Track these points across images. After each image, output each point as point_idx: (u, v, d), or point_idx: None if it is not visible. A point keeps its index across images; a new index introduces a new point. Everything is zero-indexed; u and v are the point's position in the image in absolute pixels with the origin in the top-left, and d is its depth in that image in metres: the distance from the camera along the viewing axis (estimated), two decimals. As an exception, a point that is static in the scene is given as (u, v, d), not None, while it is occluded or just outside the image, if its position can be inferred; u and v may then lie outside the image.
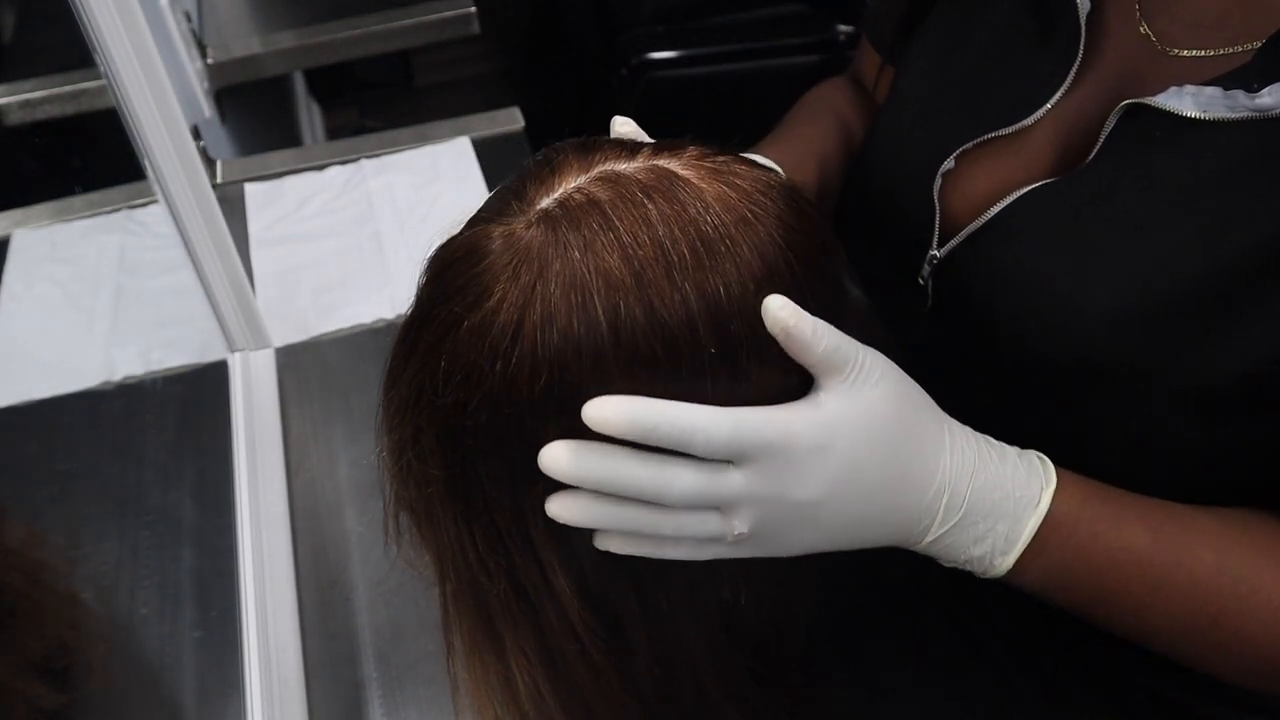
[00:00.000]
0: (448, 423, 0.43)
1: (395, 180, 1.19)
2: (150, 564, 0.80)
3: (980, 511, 0.47)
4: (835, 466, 0.43)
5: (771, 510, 0.43)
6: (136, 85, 0.75)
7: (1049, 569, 0.49)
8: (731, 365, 0.41)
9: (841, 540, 0.46)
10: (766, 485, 0.43)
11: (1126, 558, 0.49)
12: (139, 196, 1.12)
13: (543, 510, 0.43)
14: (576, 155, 0.45)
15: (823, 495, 0.43)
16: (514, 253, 0.41)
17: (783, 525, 0.44)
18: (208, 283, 0.90)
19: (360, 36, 1.51)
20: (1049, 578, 0.49)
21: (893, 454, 0.44)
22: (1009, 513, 0.47)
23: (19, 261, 1.06)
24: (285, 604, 0.80)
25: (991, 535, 0.47)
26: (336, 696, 0.76)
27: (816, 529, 0.45)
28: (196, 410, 0.92)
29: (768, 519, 0.43)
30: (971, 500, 0.46)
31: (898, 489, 0.45)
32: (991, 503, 0.47)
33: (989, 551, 0.48)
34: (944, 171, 0.60)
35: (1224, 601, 0.49)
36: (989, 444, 0.48)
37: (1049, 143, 0.57)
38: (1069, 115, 0.57)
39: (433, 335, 0.43)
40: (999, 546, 0.48)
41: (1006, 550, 0.48)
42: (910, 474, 0.45)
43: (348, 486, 0.89)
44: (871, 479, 0.44)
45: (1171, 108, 0.50)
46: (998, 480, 0.47)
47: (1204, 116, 0.49)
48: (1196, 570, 0.49)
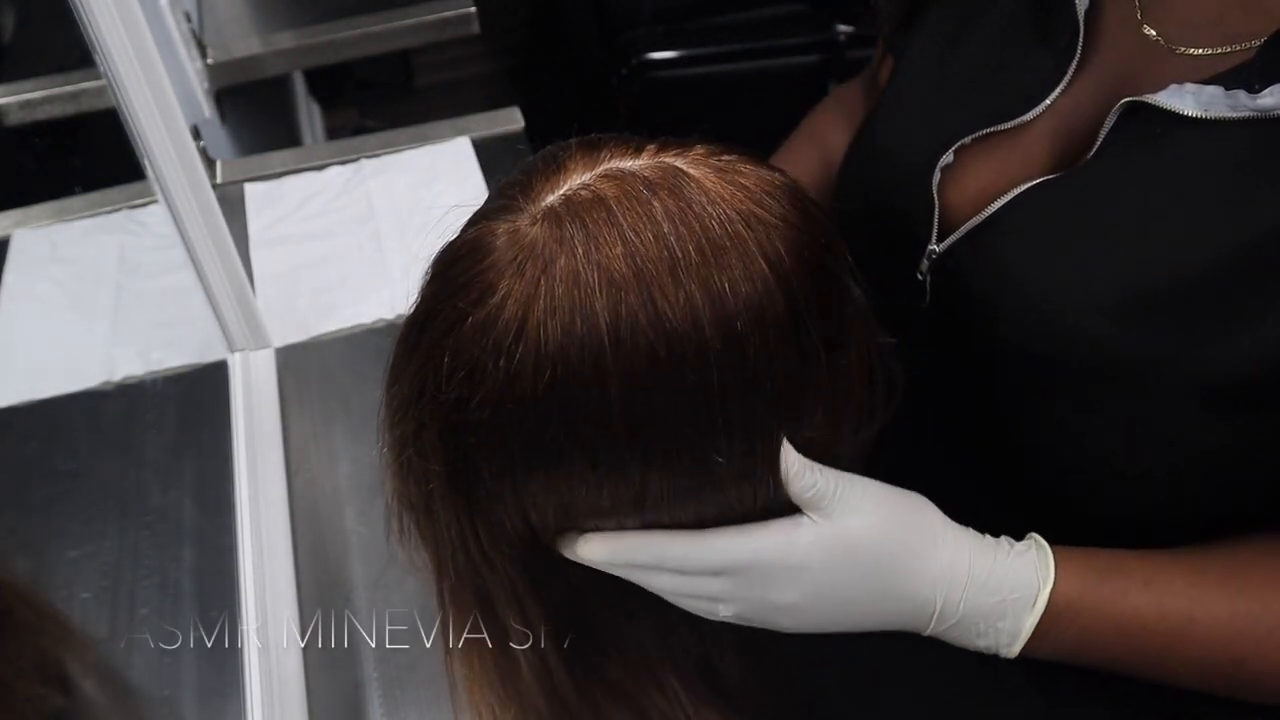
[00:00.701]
0: (450, 418, 0.43)
1: (395, 180, 1.18)
2: (150, 564, 0.80)
3: (978, 614, 0.48)
4: (810, 583, 0.46)
5: (753, 607, 0.47)
6: (136, 85, 0.75)
7: (1059, 651, 0.51)
8: (738, 363, 0.41)
9: (831, 629, 0.48)
10: (746, 592, 0.46)
11: (1137, 627, 0.51)
12: (139, 196, 1.12)
13: (543, 503, 0.43)
14: (583, 152, 0.44)
15: (800, 601, 0.47)
16: (518, 249, 0.41)
17: (767, 618, 0.48)
18: (208, 283, 0.90)
19: (360, 36, 1.51)
20: (1062, 655, 0.51)
21: (873, 574, 0.47)
22: (1008, 613, 0.49)
23: (19, 261, 1.07)
24: (285, 603, 0.80)
25: (993, 632, 0.49)
26: (336, 696, 0.76)
27: (802, 620, 0.48)
28: (196, 410, 0.92)
29: (751, 614, 0.47)
30: (966, 609, 0.48)
31: (879, 603, 0.48)
32: (989, 607, 0.49)
33: (993, 645, 0.50)
34: (943, 166, 0.60)
35: (1244, 645, 0.50)
36: (984, 546, 0.49)
37: (1048, 139, 0.57)
38: (1067, 112, 0.57)
39: (436, 331, 0.43)
40: (1003, 640, 0.49)
41: (1011, 644, 0.49)
42: (895, 591, 0.47)
43: (348, 486, 0.89)
44: (849, 595, 0.47)
45: (1172, 106, 0.50)
46: (995, 585, 0.48)
47: (1205, 116, 0.49)
48: (1211, 622, 0.50)
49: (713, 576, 0.46)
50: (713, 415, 0.41)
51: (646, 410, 0.41)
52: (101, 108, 1.06)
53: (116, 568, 0.80)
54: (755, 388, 0.42)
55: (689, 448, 0.42)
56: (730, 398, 0.41)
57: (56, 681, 0.66)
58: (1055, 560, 0.50)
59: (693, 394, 0.41)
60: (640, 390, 0.40)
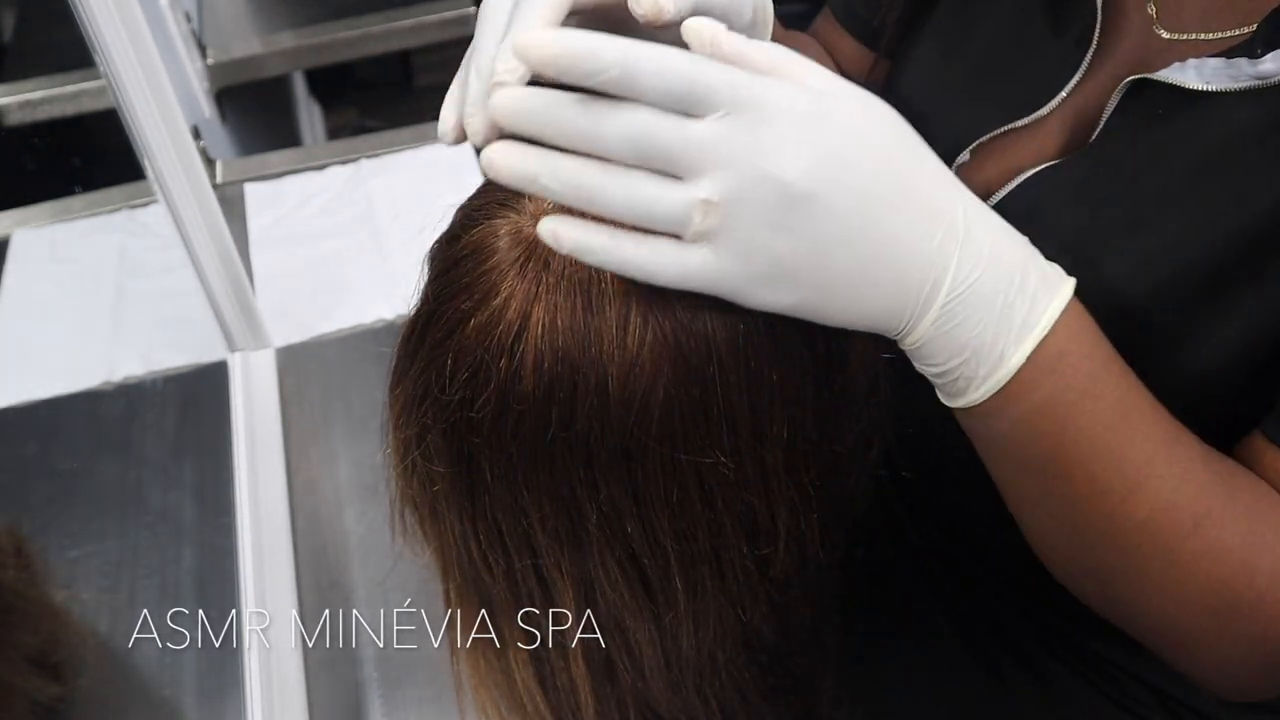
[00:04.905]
0: (453, 420, 0.43)
1: (395, 180, 1.18)
2: (150, 564, 0.80)
3: (1000, 276, 0.39)
4: (824, 139, 0.35)
5: (745, 184, 0.35)
6: (136, 85, 0.75)
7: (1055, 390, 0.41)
8: (743, 363, 0.41)
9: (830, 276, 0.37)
10: (736, 139, 0.35)
11: (1135, 409, 0.43)
12: (139, 196, 1.12)
13: (548, 511, 0.43)
14: None
15: (809, 178, 0.35)
16: (520, 249, 0.41)
17: (760, 217, 0.35)
18: (208, 283, 0.89)
19: (360, 36, 1.51)
20: (1053, 400, 0.41)
21: (898, 150, 0.37)
22: (1029, 291, 0.39)
23: (19, 261, 1.07)
24: (285, 603, 0.80)
25: (1008, 315, 0.39)
26: (336, 696, 0.76)
27: (804, 237, 0.36)
28: (196, 410, 0.92)
29: (740, 196, 0.35)
30: (991, 258, 0.38)
31: (903, 204, 0.37)
32: (1012, 268, 0.39)
33: (1003, 334, 0.39)
34: (959, 165, 0.60)
35: (1210, 501, 0.44)
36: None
37: (1060, 128, 0.57)
38: (1079, 101, 0.57)
39: (440, 332, 0.43)
40: (1014, 328, 0.39)
41: (1022, 337, 0.40)
42: (918, 187, 0.37)
43: (348, 486, 0.89)
44: (870, 175, 0.36)
45: (1175, 81, 0.50)
46: (1016, 246, 0.40)
47: (1207, 88, 0.49)
48: (1190, 453, 0.45)
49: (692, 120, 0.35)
50: (716, 414, 0.41)
51: (647, 409, 0.41)
52: (101, 108, 1.07)
53: (116, 568, 0.80)
54: (760, 387, 0.42)
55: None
56: (734, 397, 0.41)
57: (50, 672, 0.66)
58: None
59: (697, 391, 0.40)
60: (644, 390, 0.40)
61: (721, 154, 0.35)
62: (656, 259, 0.36)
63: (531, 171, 0.37)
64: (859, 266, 0.37)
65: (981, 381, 0.41)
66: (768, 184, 0.35)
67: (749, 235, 0.36)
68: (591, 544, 0.44)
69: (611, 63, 0.34)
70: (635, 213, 0.36)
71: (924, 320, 0.39)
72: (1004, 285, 0.39)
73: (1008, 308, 0.39)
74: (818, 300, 0.38)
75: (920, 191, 0.38)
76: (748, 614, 0.45)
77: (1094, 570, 0.47)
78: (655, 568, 0.44)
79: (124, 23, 0.72)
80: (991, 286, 0.39)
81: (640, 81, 0.34)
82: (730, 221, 0.35)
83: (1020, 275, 0.40)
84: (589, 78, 0.35)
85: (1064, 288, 0.41)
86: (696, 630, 0.47)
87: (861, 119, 0.37)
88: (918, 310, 0.39)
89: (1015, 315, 0.39)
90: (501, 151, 0.37)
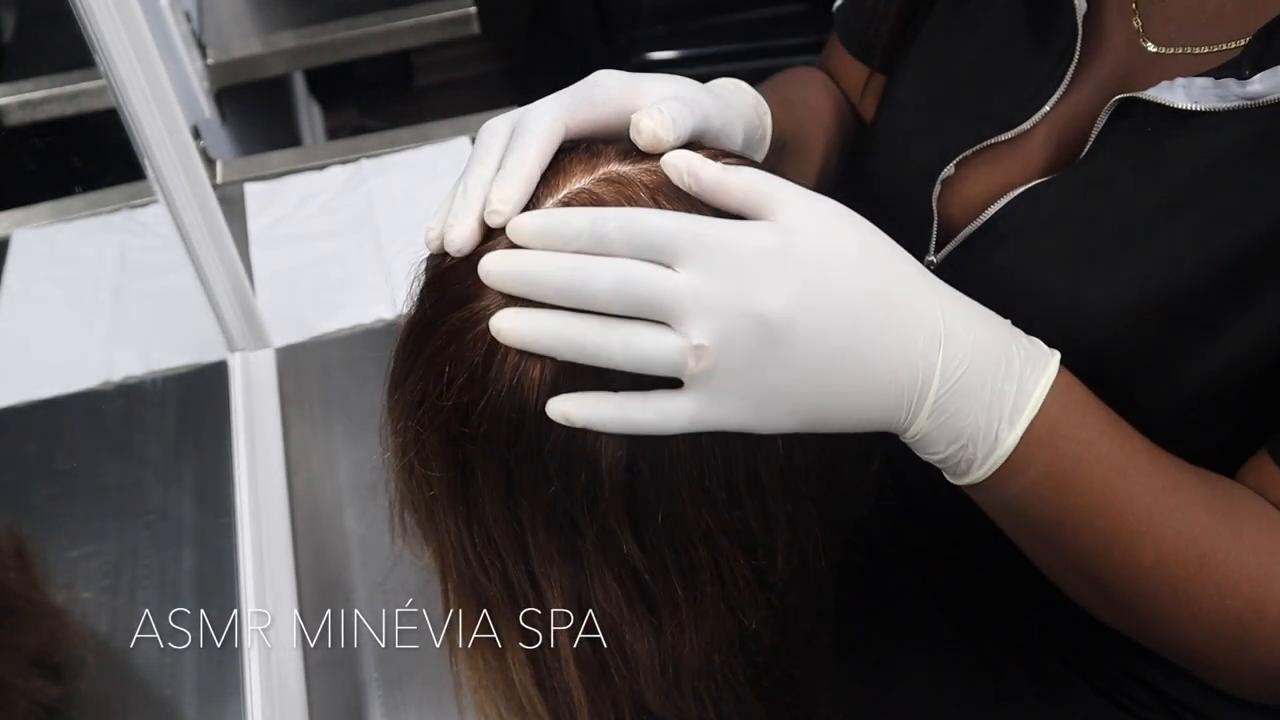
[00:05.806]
0: (450, 426, 0.43)
1: (395, 180, 1.18)
2: (150, 564, 0.80)
3: (985, 366, 0.41)
4: (797, 270, 0.37)
5: (732, 323, 0.37)
6: (136, 85, 0.75)
7: (1053, 461, 0.43)
8: None
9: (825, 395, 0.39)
10: (718, 285, 0.37)
11: (1132, 465, 0.45)
12: (139, 196, 1.12)
13: (540, 522, 0.42)
14: (582, 156, 0.44)
15: (791, 307, 0.37)
16: None
17: (750, 351, 0.37)
18: (208, 283, 0.90)
19: (360, 36, 1.51)
20: (1051, 470, 0.44)
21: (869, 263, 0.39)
22: (1015, 374, 0.42)
23: (19, 261, 1.07)
24: (285, 603, 0.80)
25: (998, 401, 0.41)
26: (337, 696, 0.76)
27: (793, 365, 0.38)
28: (196, 410, 0.92)
29: (730, 335, 0.37)
30: (974, 351, 0.41)
31: (881, 316, 0.39)
32: (996, 356, 0.41)
33: (995, 419, 0.42)
34: (943, 179, 0.60)
35: (1215, 541, 0.46)
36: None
37: (1045, 144, 0.57)
38: (1065, 117, 0.57)
39: (439, 340, 0.43)
40: (1005, 412, 0.42)
41: (1014, 419, 0.42)
42: (894, 296, 0.39)
43: (348, 486, 0.89)
44: (846, 295, 0.38)
45: (1164, 100, 0.50)
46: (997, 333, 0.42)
47: (1196, 108, 0.49)
48: (1191, 498, 0.46)
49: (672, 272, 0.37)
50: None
51: None
52: (101, 108, 1.07)
53: (117, 568, 0.80)
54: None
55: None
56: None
57: (51, 673, 0.66)
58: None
59: None
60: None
61: (703, 300, 0.37)
62: (662, 416, 0.39)
63: (540, 341, 0.39)
64: (850, 383, 0.39)
65: (981, 463, 0.43)
66: (752, 322, 0.37)
67: (744, 371, 0.38)
68: (588, 553, 0.43)
69: (581, 229, 0.38)
70: (635, 363, 0.38)
71: (920, 417, 0.41)
72: (990, 374, 0.41)
73: (997, 394, 0.42)
74: (818, 417, 0.40)
75: (896, 300, 0.40)
76: (748, 619, 0.46)
77: (1115, 610, 0.50)
78: (652, 576, 0.44)
79: (124, 23, 0.72)
80: (978, 378, 0.41)
81: (610, 242, 0.38)
82: (725, 362, 0.38)
83: (1004, 362, 0.42)
84: (568, 244, 0.39)
85: (1049, 365, 0.43)
86: (693, 636, 0.47)
87: (831, 241, 0.39)
88: (912, 409, 0.41)
89: (1005, 400, 0.42)
90: (509, 322, 0.40)
